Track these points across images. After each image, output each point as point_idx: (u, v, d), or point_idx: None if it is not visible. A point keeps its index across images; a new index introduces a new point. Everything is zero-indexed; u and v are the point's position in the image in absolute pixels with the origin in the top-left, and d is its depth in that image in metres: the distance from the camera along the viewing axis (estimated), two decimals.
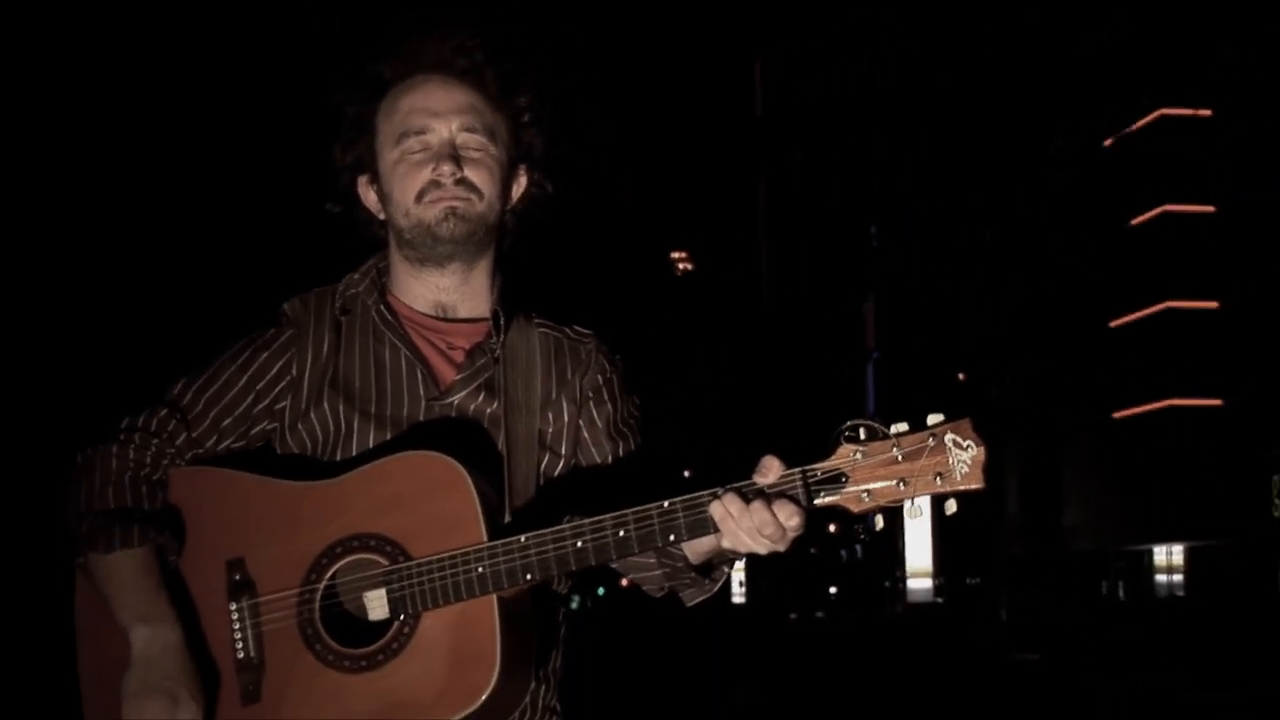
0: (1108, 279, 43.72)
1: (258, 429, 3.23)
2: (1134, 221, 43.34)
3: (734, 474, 2.88)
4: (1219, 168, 41.47)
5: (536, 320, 3.34)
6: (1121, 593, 46.19)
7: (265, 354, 3.24)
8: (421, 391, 3.21)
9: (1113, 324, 44.12)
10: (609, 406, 3.33)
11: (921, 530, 48.04)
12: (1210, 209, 42.14)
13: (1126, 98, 42.74)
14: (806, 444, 2.89)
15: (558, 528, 2.96)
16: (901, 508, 2.85)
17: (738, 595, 41.55)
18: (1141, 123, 43.09)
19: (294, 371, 3.24)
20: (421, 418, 3.18)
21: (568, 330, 3.37)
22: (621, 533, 2.91)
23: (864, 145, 39.24)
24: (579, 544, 2.94)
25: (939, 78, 39.24)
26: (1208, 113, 42.25)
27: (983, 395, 43.58)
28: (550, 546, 2.94)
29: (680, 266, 34.98)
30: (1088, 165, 44.06)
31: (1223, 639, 30.64)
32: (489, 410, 3.21)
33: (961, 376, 46.04)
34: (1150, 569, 45.25)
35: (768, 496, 2.83)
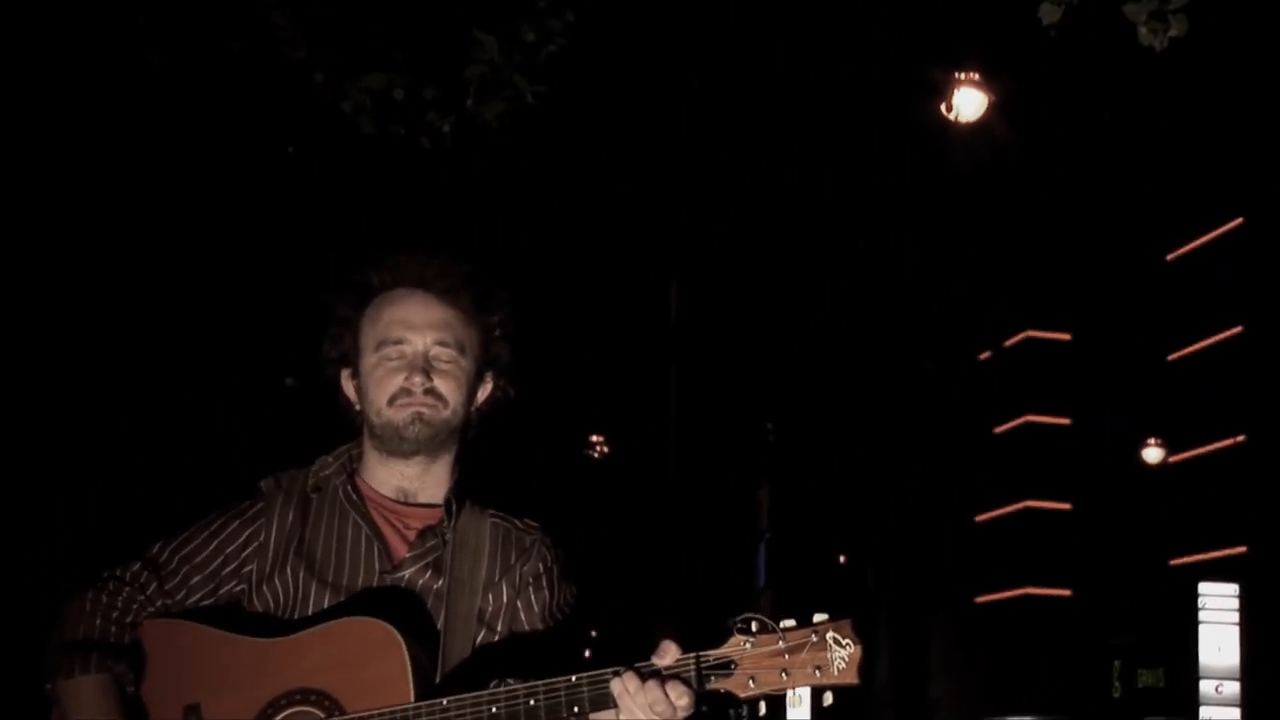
0: (973, 479, 43.99)
1: (225, 589, 3.24)
2: (998, 429, 43.72)
3: (636, 650, 2.91)
4: (1076, 384, 41.88)
5: (490, 511, 3.33)
6: None
7: (237, 522, 3.27)
8: (376, 565, 3.21)
9: (977, 519, 44.34)
10: (545, 593, 3.32)
11: (803, 694, 47.73)
12: (1066, 421, 42.53)
13: (998, 320, 43.26)
14: (703, 612, 2.92)
15: (477, 693, 2.96)
16: (784, 695, 2.89)
17: None
18: (1010, 342, 43.55)
19: (261, 538, 3.24)
20: (374, 588, 3.19)
21: (516, 522, 3.36)
22: (532, 701, 2.91)
23: (763, 355, 39.63)
24: (494, 709, 2.93)
25: (831, 300, 39.73)
26: (1067, 336, 42.76)
27: (860, 575, 43.62)
28: (468, 710, 2.94)
29: (599, 450, 35.06)
30: (961, 378, 44.50)
31: None
32: (435, 586, 3.20)
33: (842, 558, 46.11)
34: None
35: (663, 677, 2.86)
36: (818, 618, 2.90)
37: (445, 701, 2.96)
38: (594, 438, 35.76)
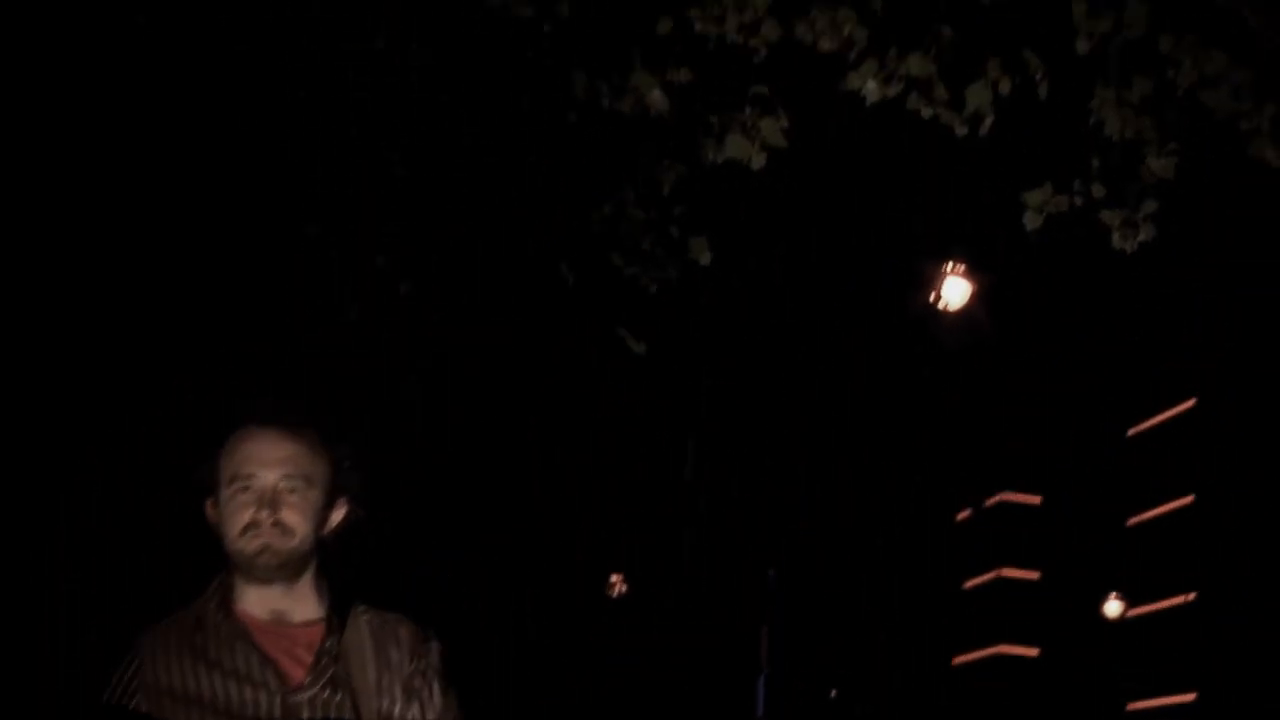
0: (951, 626, 43.71)
1: None
2: (973, 581, 43.55)
3: None
4: (1045, 542, 41.78)
5: (360, 609, 3.21)
6: None
7: (120, 692, 3.07)
8: (274, 688, 3.05)
9: (954, 662, 43.97)
10: (427, 691, 3.16)
11: None
12: (1035, 575, 42.41)
13: (977, 483, 43.20)
14: None
15: None
16: None
17: None
18: (987, 503, 43.47)
19: (152, 694, 3.05)
20: (279, 714, 3.03)
21: (388, 615, 3.22)
22: None
23: (770, 512, 39.59)
24: None
25: (822, 464, 39.74)
26: (1038, 500, 42.70)
27: (850, 710, 43.11)
28: None
29: (617, 589, 34.81)
30: (940, 535, 44.37)
31: None
32: (336, 701, 3.07)
33: (833, 693, 45.61)
34: None
35: None
36: None
37: None
38: (613, 577, 35.45)
